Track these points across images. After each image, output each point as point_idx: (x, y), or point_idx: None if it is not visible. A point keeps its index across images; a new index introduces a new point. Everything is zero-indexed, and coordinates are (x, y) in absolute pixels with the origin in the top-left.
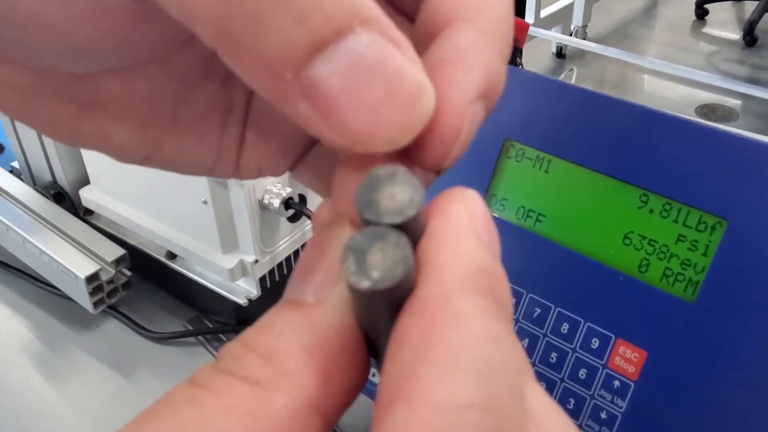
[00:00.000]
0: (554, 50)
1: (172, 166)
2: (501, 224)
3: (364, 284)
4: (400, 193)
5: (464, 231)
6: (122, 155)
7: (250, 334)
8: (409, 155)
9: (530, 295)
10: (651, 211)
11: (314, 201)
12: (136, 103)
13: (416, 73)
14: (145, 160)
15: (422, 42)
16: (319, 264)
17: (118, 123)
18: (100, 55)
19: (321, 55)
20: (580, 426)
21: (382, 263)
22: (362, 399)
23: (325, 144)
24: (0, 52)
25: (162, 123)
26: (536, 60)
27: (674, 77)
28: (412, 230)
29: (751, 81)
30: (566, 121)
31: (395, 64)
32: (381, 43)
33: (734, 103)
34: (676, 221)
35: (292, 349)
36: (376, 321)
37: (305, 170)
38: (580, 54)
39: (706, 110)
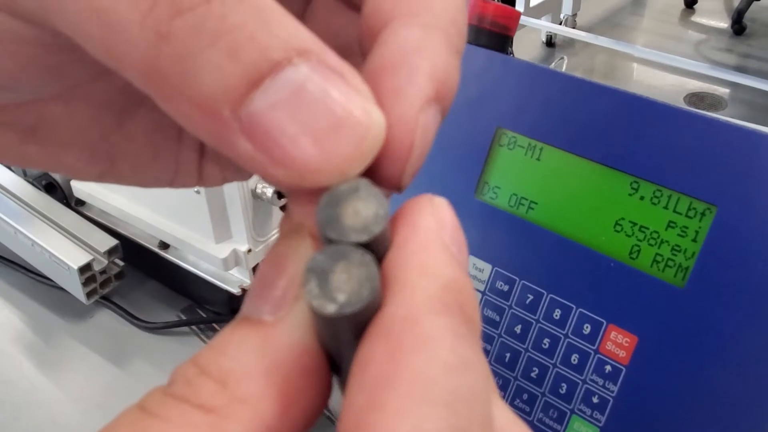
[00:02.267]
0: (544, 39)
1: (131, 182)
2: (493, 212)
3: (330, 308)
4: (364, 208)
5: (432, 244)
6: (75, 174)
7: (204, 355)
8: (363, 176)
9: (523, 281)
10: (641, 197)
11: None
12: (79, 125)
13: (363, 101)
14: (101, 178)
15: (367, 41)
16: (277, 280)
17: (64, 145)
18: (25, 85)
19: (258, 89)
20: (572, 410)
21: (348, 285)
22: None
23: (272, 184)
24: None
25: (112, 141)
26: (526, 49)
27: (663, 66)
28: (377, 246)
29: (740, 69)
30: (558, 109)
31: (339, 93)
32: (322, 73)
33: (723, 91)
34: (666, 208)
35: (248, 373)
36: (339, 342)
37: None
38: (570, 43)
39: (694, 99)
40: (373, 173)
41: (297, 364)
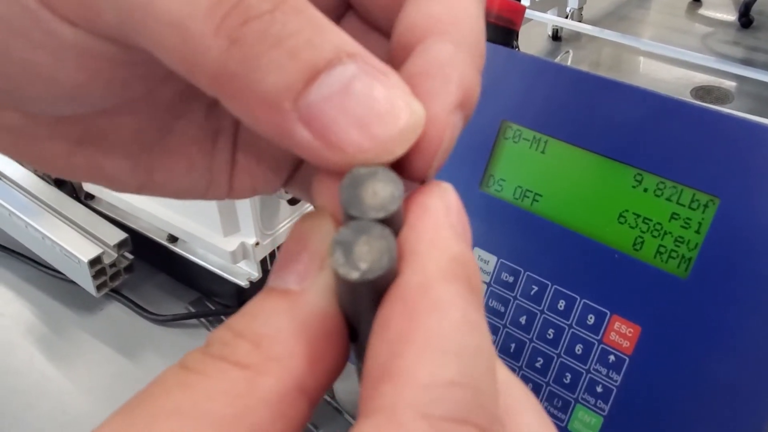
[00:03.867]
0: (550, 33)
1: (166, 193)
2: (499, 204)
3: (354, 275)
4: (381, 189)
5: (441, 223)
6: (116, 186)
7: (238, 320)
8: (393, 166)
9: (527, 273)
10: (645, 190)
11: None
12: (124, 136)
13: (403, 93)
14: (139, 189)
15: (398, 56)
16: (301, 254)
17: (109, 156)
18: (89, 98)
19: (314, 84)
20: (576, 400)
21: (369, 255)
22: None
23: (324, 167)
24: None
25: (151, 152)
26: (532, 42)
27: (670, 59)
28: (393, 223)
29: (747, 63)
30: (562, 103)
31: (382, 87)
32: (367, 70)
33: (729, 84)
34: (669, 200)
35: (279, 335)
36: (360, 307)
37: (298, 185)
38: (576, 36)
39: (701, 92)
40: (403, 165)
41: (321, 328)
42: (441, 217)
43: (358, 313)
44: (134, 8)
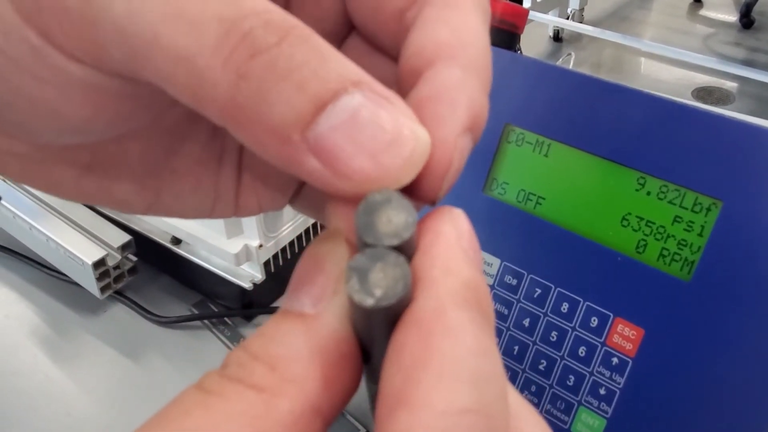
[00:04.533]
0: (551, 34)
1: (174, 213)
2: (502, 207)
3: (369, 301)
4: (395, 216)
5: (453, 249)
6: (124, 208)
7: (254, 342)
8: (403, 189)
9: (531, 275)
10: (648, 193)
11: None
12: (131, 160)
13: (409, 121)
14: (147, 210)
15: (407, 81)
16: (317, 277)
17: (117, 180)
18: (95, 129)
19: (322, 115)
20: (579, 402)
21: (384, 282)
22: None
23: (333, 194)
24: (3, 129)
25: (158, 175)
26: (533, 44)
27: (671, 60)
28: (406, 249)
29: (748, 63)
30: (565, 106)
31: (388, 115)
32: (373, 99)
33: (731, 85)
34: (672, 203)
35: (295, 358)
36: (373, 331)
37: (304, 202)
38: (577, 37)
39: (702, 93)
40: (413, 187)
41: (336, 351)
42: (453, 243)
43: (371, 336)
44: (140, 45)
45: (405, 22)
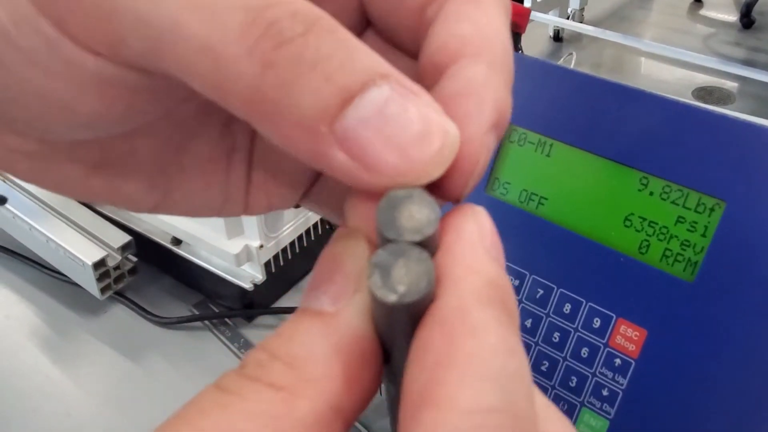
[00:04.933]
0: (551, 34)
1: (182, 211)
2: (504, 207)
3: (391, 298)
4: (417, 212)
5: (476, 246)
6: (133, 206)
7: (273, 342)
8: (428, 186)
9: (533, 276)
10: (651, 193)
11: None
12: (141, 158)
13: (437, 114)
14: (155, 209)
15: (429, 76)
16: (336, 275)
17: (125, 177)
18: (106, 125)
19: (350, 107)
20: (582, 403)
21: (407, 278)
22: None
23: (361, 189)
24: (9, 126)
25: (167, 172)
26: (534, 43)
27: (671, 60)
28: (428, 246)
29: (748, 63)
30: (567, 106)
31: (417, 108)
32: (400, 92)
33: (731, 85)
34: (675, 203)
35: (314, 357)
36: (395, 329)
37: (314, 200)
38: (578, 37)
39: (703, 93)
40: (438, 184)
41: (356, 350)
42: (476, 241)
43: (392, 335)
44: (161, 35)
45: (425, 18)
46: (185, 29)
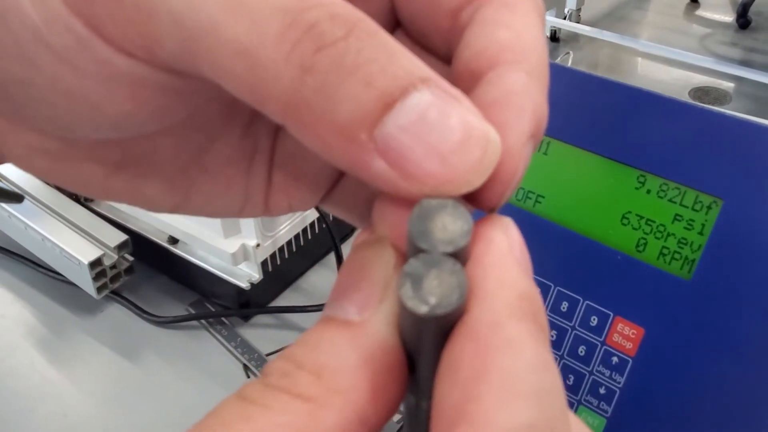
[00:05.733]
0: (548, 34)
1: (202, 212)
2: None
3: (422, 309)
4: (451, 223)
5: (507, 258)
6: (152, 206)
7: (298, 351)
8: (464, 195)
9: None
10: (648, 191)
11: None
12: (162, 158)
13: (479, 121)
14: (175, 209)
15: (465, 82)
16: (362, 283)
17: (146, 178)
18: (132, 125)
19: (390, 113)
20: (579, 401)
21: (439, 289)
22: None
23: (398, 197)
24: (30, 123)
25: (188, 173)
26: None
27: (668, 60)
28: (460, 257)
29: (745, 63)
30: (565, 104)
31: (459, 114)
32: (441, 96)
33: (727, 85)
34: (672, 201)
35: (341, 367)
36: (423, 341)
37: (335, 203)
38: (574, 37)
39: (699, 93)
40: (474, 193)
41: (383, 360)
42: (506, 252)
43: (419, 345)
44: (198, 37)
45: (460, 21)
46: (222, 32)
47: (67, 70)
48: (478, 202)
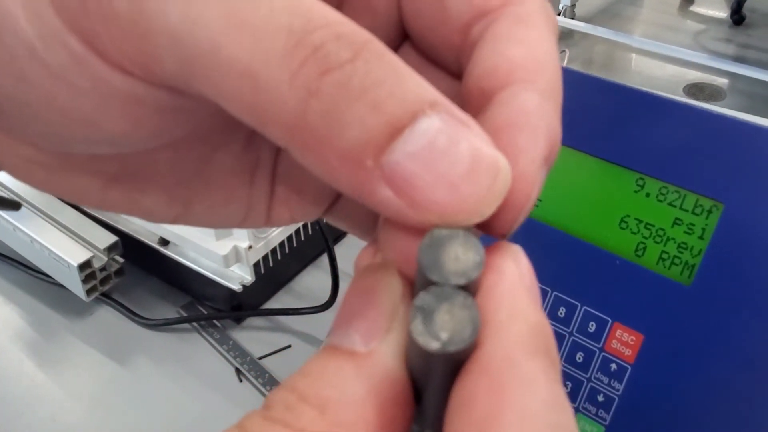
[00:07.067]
0: None
1: (203, 223)
2: None
3: (434, 345)
4: (463, 254)
5: (518, 289)
6: (152, 218)
7: (300, 382)
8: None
9: None
10: (647, 195)
11: None
12: (162, 171)
13: (489, 147)
14: (176, 220)
15: (476, 101)
16: (368, 312)
17: (144, 190)
18: (130, 142)
19: (398, 139)
20: (577, 409)
21: (450, 324)
22: None
23: (405, 223)
24: (26, 138)
25: (188, 185)
26: None
27: (662, 56)
28: (470, 288)
29: (739, 60)
30: (563, 106)
31: (468, 141)
32: (451, 122)
33: (722, 81)
34: (672, 205)
35: (347, 400)
36: (431, 375)
37: (338, 215)
38: (569, 33)
39: (694, 89)
40: (490, 219)
41: (390, 392)
42: (517, 283)
43: (428, 378)
44: (198, 56)
45: (471, 36)
46: (224, 52)
47: (63, 88)
48: (489, 229)
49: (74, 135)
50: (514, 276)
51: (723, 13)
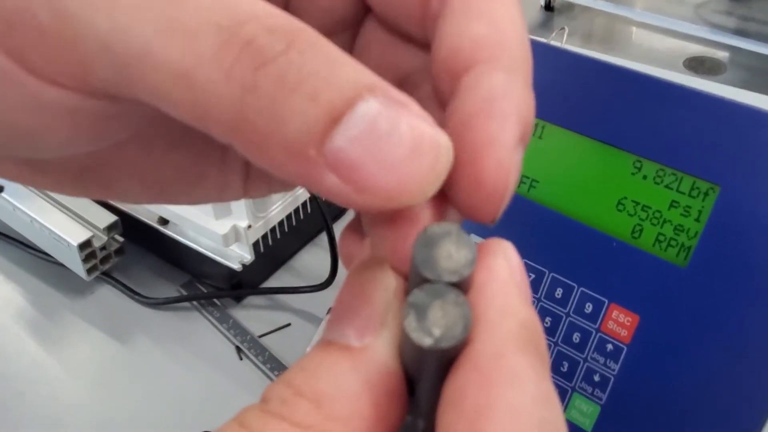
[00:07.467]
0: (543, 3)
1: (180, 202)
2: None
3: (427, 341)
4: (456, 251)
5: (508, 286)
6: (129, 201)
7: (296, 377)
8: (461, 209)
9: (524, 260)
10: (644, 177)
11: None
12: (130, 159)
13: (429, 127)
14: (153, 201)
15: (443, 82)
16: (361, 307)
17: (118, 178)
18: (80, 147)
19: (338, 126)
20: (573, 389)
21: (443, 321)
22: None
23: (357, 210)
24: None
25: (159, 170)
26: (525, 13)
27: (662, 29)
28: (463, 285)
29: (739, 33)
30: (560, 87)
31: (407, 122)
32: (389, 105)
33: (722, 55)
34: (669, 187)
35: (341, 394)
36: (424, 369)
37: None
38: (569, 7)
39: (694, 63)
40: (474, 210)
41: (383, 387)
42: (508, 280)
43: (421, 372)
44: (131, 62)
45: (431, 9)
46: (156, 54)
47: None
48: (476, 217)
49: (19, 146)
50: (505, 273)
51: None
